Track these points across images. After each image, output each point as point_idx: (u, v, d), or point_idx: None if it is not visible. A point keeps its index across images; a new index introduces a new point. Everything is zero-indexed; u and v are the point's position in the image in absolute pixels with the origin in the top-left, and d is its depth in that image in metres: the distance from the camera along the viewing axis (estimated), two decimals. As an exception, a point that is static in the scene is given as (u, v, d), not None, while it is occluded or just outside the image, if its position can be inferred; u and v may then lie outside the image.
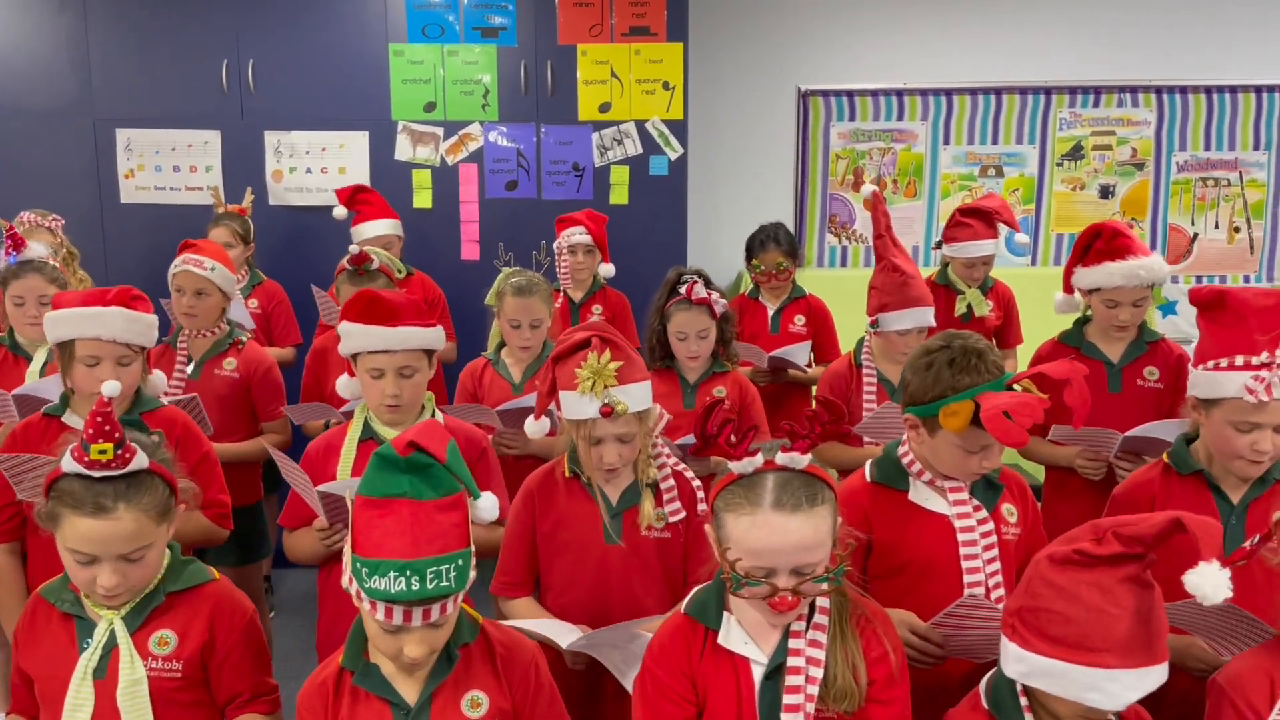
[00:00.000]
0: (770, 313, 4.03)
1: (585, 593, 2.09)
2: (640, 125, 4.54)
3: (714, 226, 5.14)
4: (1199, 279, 5.06)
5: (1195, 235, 5.05)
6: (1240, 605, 1.70)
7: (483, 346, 3.41)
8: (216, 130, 4.51)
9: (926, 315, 3.08)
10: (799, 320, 4.02)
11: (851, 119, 5.08)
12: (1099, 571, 1.39)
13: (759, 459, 1.51)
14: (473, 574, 1.47)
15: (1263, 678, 1.48)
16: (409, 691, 1.53)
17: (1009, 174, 5.07)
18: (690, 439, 2.97)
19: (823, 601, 1.56)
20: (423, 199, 4.56)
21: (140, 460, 1.63)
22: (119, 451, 1.60)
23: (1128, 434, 2.60)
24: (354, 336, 2.25)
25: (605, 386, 1.99)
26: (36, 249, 3.09)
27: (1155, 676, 1.38)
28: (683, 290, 3.15)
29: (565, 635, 1.91)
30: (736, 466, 1.52)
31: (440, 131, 4.52)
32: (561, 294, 3.98)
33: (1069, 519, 1.84)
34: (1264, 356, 1.88)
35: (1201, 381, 1.98)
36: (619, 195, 4.59)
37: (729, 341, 3.27)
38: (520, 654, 1.60)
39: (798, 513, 1.47)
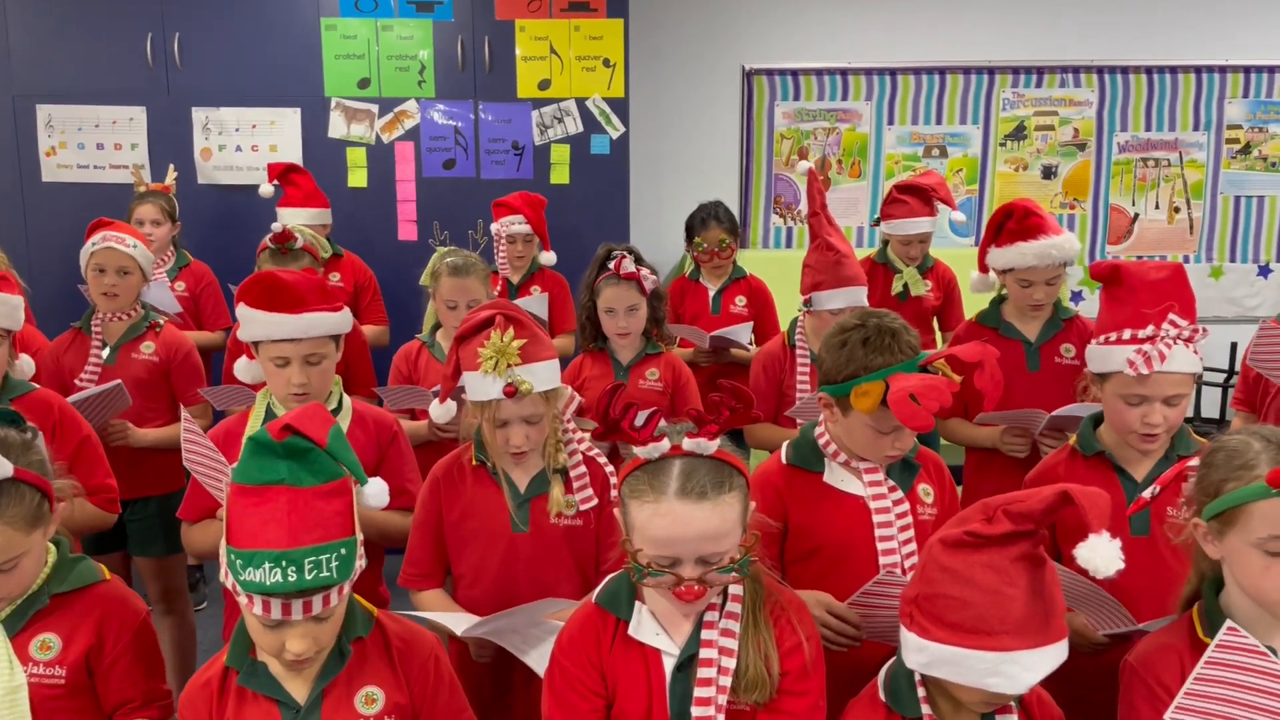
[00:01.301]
0: (711, 294, 3.98)
1: (494, 583, 2.03)
2: (581, 103, 4.46)
3: (658, 207, 5.08)
4: (1139, 259, 5.09)
5: (1136, 215, 5.07)
6: (1145, 582, 1.70)
7: (420, 329, 3.34)
8: (142, 107, 4.37)
9: (859, 295, 3.05)
10: (740, 301, 3.97)
11: (796, 98, 5.04)
12: (991, 552, 1.35)
13: (665, 444, 1.46)
14: (360, 564, 1.41)
15: (1173, 656, 1.46)
16: (298, 690, 1.47)
17: (953, 154, 5.06)
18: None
19: (736, 590, 1.52)
20: (358, 178, 4.46)
21: (3, 469, 1.52)
22: None
23: (1054, 414, 2.60)
24: (255, 323, 2.15)
25: (509, 365, 1.92)
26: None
27: (1055, 655, 1.36)
28: (611, 265, 3.10)
29: (463, 623, 1.86)
30: (642, 452, 1.47)
31: (375, 109, 4.42)
32: (500, 276, 3.91)
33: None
34: (1149, 329, 1.86)
35: (1094, 356, 1.97)
36: (560, 175, 4.52)
37: (661, 321, 3.22)
38: (418, 647, 1.54)
39: (704, 501, 1.43)
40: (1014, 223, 2.87)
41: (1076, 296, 5.08)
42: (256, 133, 4.41)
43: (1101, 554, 1.28)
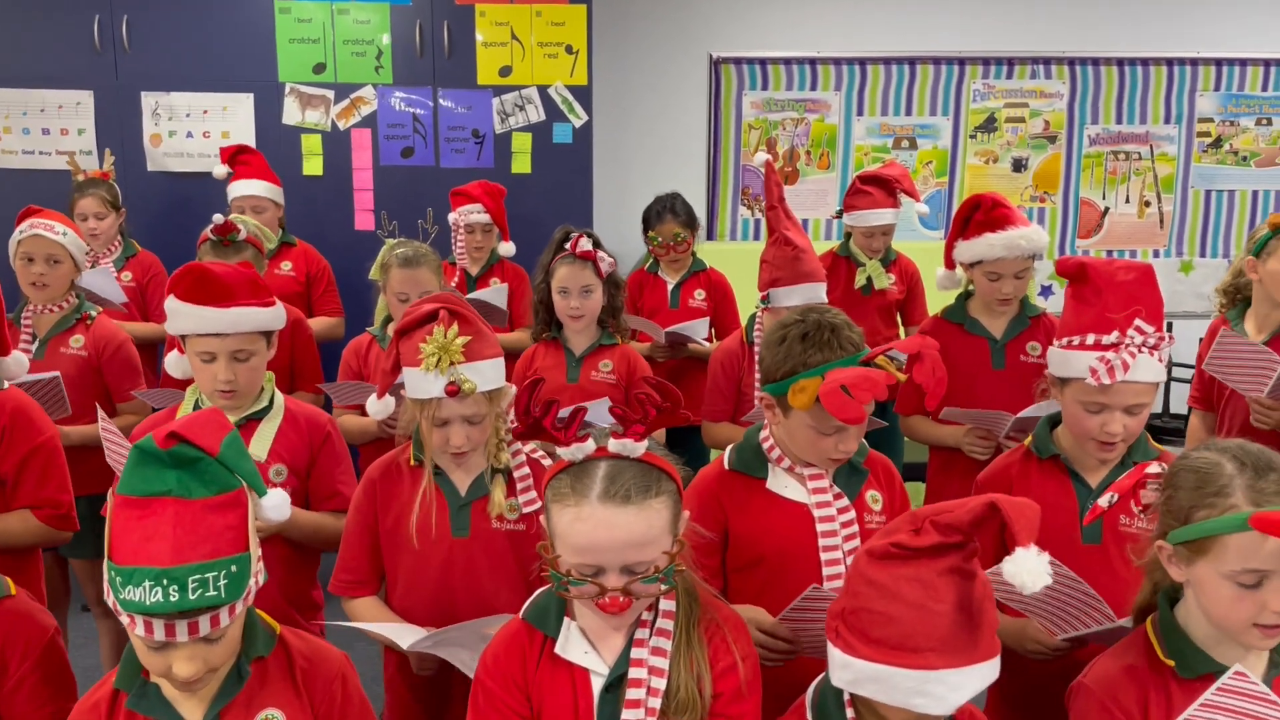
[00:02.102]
0: (670, 287, 3.90)
1: (431, 590, 1.94)
2: (543, 91, 4.36)
3: (622, 198, 4.98)
4: (1109, 255, 5.04)
5: (1106, 209, 5.02)
6: (1096, 589, 1.63)
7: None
8: (89, 91, 4.24)
9: (818, 291, 2.97)
10: (699, 295, 3.89)
11: (764, 88, 4.95)
12: (919, 565, 1.28)
13: (590, 445, 1.38)
14: (254, 581, 1.31)
15: (1133, 680, 1.39)
16: (192, 712, 1.37)
17: (922, 146, 4.99)
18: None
19: (669, 605, 1.44)
20: (313, 165, 4.34)
21: None
22: None
23: (1020, 415, 2.53)
24: (182, 316, 2.06)
25: (451, 363, 1.83)
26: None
27: (984, 673, 1.28)
28: (568, 245, 3.02)
29: (407, 636, 1.77)
30: (565, 453, 1.38)
31: (331, 94, 4.30)
32: (457, 268, 3.82)
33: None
34: (1114, 336, 1.79)
35: (1055, 359, 1.90)
36: (521, 164, 4.41)
37: (618, 312, 3.14)
38: (324, 666, 1.45)
39: (628, 505, 1.34)
40: (981, 214, 2.81)
41: (1046, 290, 5.03)
42: (208, 119, 4.29)
43: (1028, 569, 1.21)
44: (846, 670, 1.32)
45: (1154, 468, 1.43)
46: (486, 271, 3.83)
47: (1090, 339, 1.81)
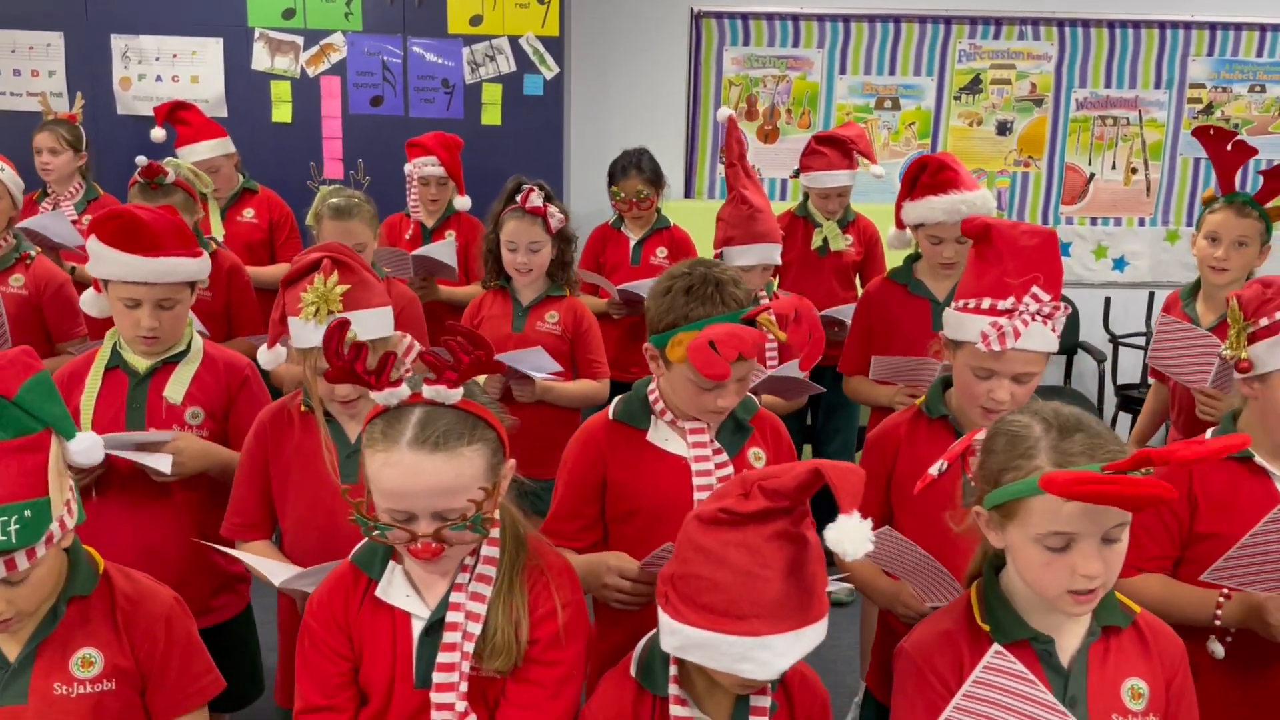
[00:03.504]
0: (632, 243, 3.87)
1: (319, 537, 1.94)
2: (514, 41, 4.31)
3: (600, 153, 4.85)
4: (1094, 222, 4.96)
5: (1091, 175, 4.92)
6: (942, 556, 1.62)
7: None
8: (59, 32, 4.23)
9: (772, 252, 2.95)
10: (661, 252, 3.86)
11: (746, 44, 4.87)
12: (746, 530, 1.27)
13: (404, 390, 1.37)
14: (56, 525, 1.30)
15: (950, 645, 1.38)
16: (9, 648, 1.39)
17: (905, 106, 4.90)
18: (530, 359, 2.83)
19: (490, 552, 1.43)
20: (282, 112, 4.33)
21: None
22: None
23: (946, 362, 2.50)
24: (106, 261, 2.05)
25: (330, 312, 1.83)
26: None
27: (810, 638, 1.28)
28: (518, 199, 2.99)
29: (280, 573, 1.78)
30: (379, 398, 1.38)
31: (300, 41, 4.27)
32: (412, 220, 3.80)
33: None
34: (1009, 302, 1.75)
35: (950, 320, 1.86)
36: (491, 115, 4.38)
37: (568, 265, 3.11)
38: (147, 607, 1.46)
39: (438, 452, 1.33)
40: (927, 176, 2.76)
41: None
42: (177, 63, 4.27)
43: (850, 536, 1.19)
44: (674, 636, 1.32)
45: (982, 434, 1.40)
46: (442, 224, 3.80)
47: (986, 303, 1.77)
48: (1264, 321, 1.68)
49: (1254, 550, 1.57)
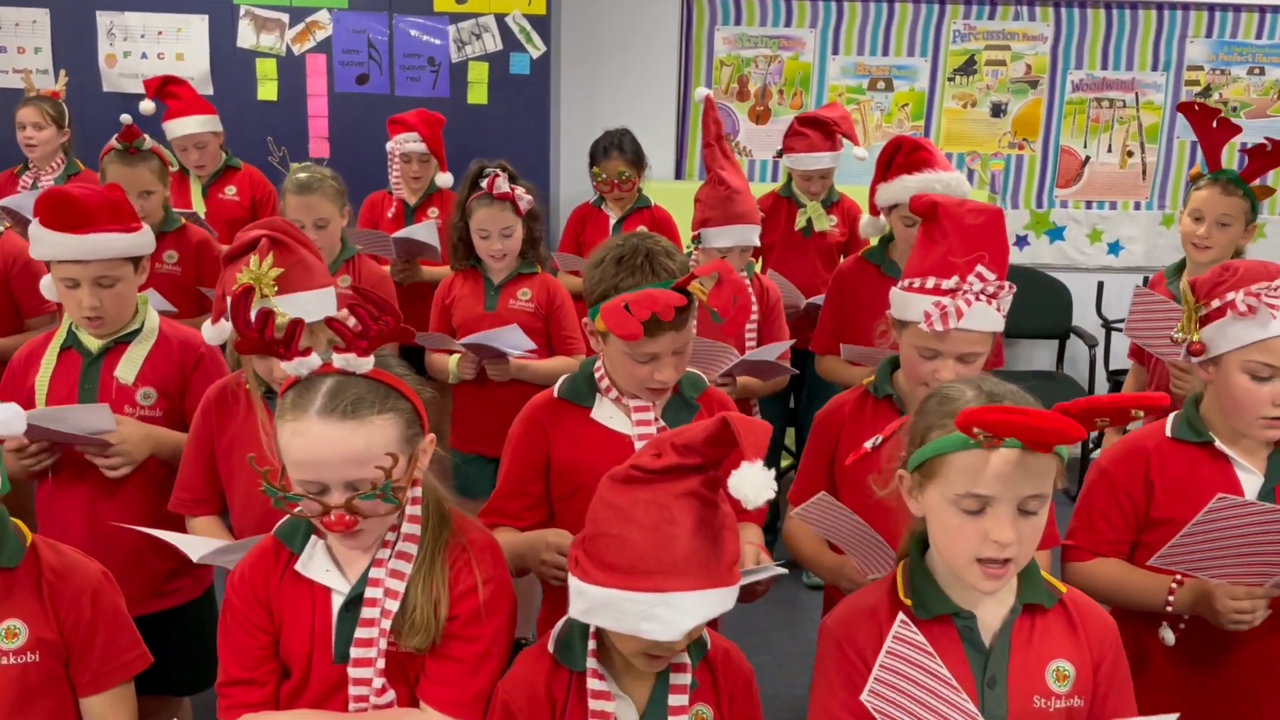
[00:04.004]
0: (612, 223, 3.85)
1: (262, 513, 1.93)
2: (500, 19, 4.28)
3: (591, 133, 4.81)
4: (1089, 206, 4.90)
5: (1087, 158, 4.86)
6: (883, 535, 1.60)
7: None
8: (45, 9, 4.22)
9: (749, 233, 2.92)
10: (641, 231, 3.83)
11: (738, 23, 4.82)
12: (656, 487, 1.27)
13: (315, 360, 1.36)
14: None
15: (872, 621, 1.36)
16: None
17: (899, 88, 4.85)
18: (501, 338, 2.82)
19: (411, 529, 1.42)
20: (267, 90, 4.31)
21: None
22: None
23: None
24: (42, 242, 2.05)
25: (262, 295, 1.81)
26: None
27: (718, 600, 1.28)
28: (484, 184, 2.97)
29: (198, 548, 1.77)
30: (289, 368, 1.36)
31: (285, 18, 4.25)
32: (394, 198, 3.79)
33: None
34: (953, 281, 1.72)
35: (895, 300, 1.84)
36: (477, 94, 4.35)
37: (537, 242, 3.10)
38: (74, 580, 1.46)
39: (347, 421, 1.32)
40: (901, 156, 2.76)
41: (1022, 241, 4.91)
42: (163, 40, 4.26)
43: (751, 482, 1.19)
44: (581, 599, 1.31)
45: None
46: (425, 201, 3.79)
47: (930, 282, 1.75)
48: (1215, 303, 1.65)
49: (1200, 536, 1.55)
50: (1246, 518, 1.47)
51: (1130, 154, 4.84)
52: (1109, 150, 4.85)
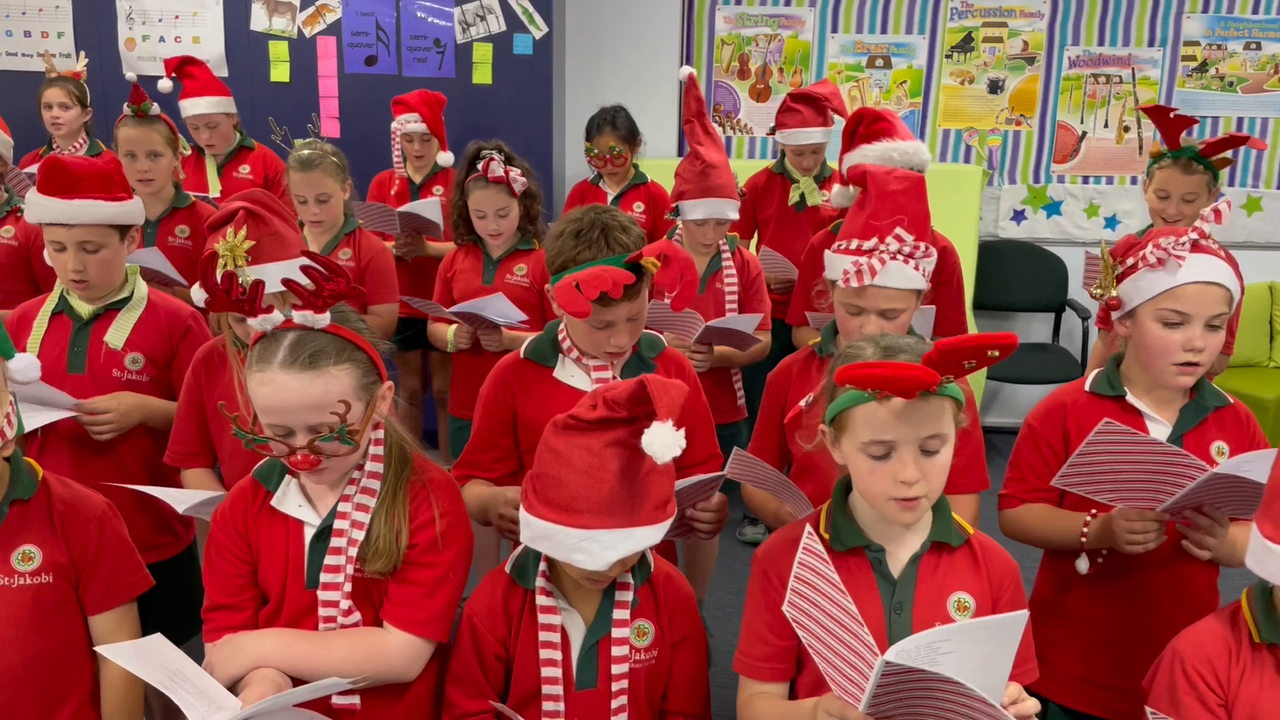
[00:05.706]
0: (609, 199, 3.97)
1: (247, 463, 2.08)
2: (503, 1, 4.40)
3: (593, 112, 5.00)
4: (1085, 181, 4.95)
5: (1083, 134, 4.92)
6: (824, 475, 1.72)
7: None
8: (66, -7, 4.39)
9: (724, 207, 3.02)
10: (638, 208, 3.96)
11: (738, 2, 4.91)
12: (589, 436, 1.42)
13: (277, 317, 1.50)
14: None
15: (793, 549, 1.49)
16: None
17: (897, 65, 4.92)
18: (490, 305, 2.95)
19: (375, 467, 1.57)
20: (280, 72, 4.46)
21: None
22: None
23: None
24: (34, 206, 2.19)
25: (236, 265, 1.94)
26: None
27: (640, 537, 1.43)
28: (480, 167, 3.10)
29: (183, 500, 1.93)
30: (254, 324, 1.51)
31: (296, 1, 4.39)
32: (399, 177, 3.93)
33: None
34: (872, 242, 1.85)
35: (827, 260, 1.96)
36: (482, 75, 4.48)
37: (535, 218, 3.23)
38: (81, 510, 1.61)
39: (306, 371, 1.47)
40: (864, 127, 2.84)
41: (1019, 215, 4.97)
42: (179, 24, 4.42)
43: (660, 440, 1.33)
44: (527, 528, 1.47)
45: None
46: (430, 179, 3.93)
47: (853, 244, 1.88)
48: (1130, 261, 1.77)
49: (1093, 459, 1.65)
50: (1134, 448, 1.59)
51: (1126, 129, 4.89)
52: (1105, 125, 4.90)
